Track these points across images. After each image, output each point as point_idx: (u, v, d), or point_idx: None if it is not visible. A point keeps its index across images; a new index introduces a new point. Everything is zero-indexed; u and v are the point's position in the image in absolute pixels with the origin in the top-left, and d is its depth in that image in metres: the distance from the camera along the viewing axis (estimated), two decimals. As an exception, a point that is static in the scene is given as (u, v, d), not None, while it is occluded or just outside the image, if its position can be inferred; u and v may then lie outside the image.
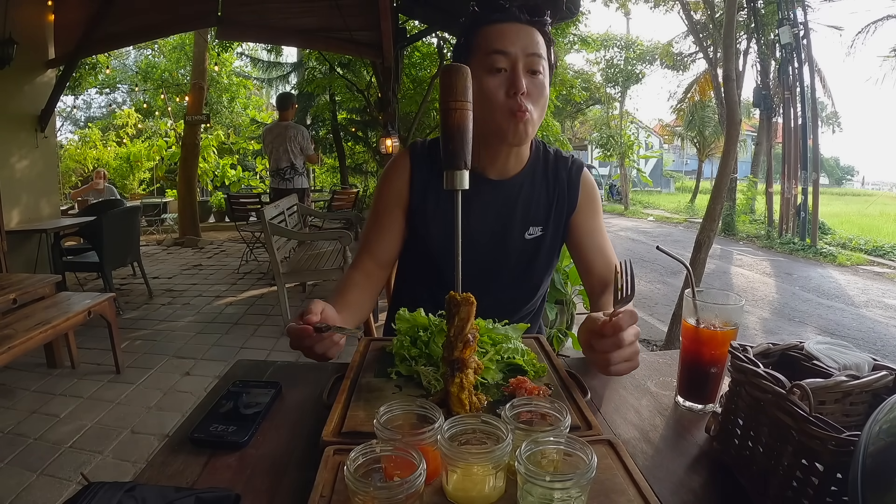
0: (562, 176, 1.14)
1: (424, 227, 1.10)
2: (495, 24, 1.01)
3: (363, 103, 7.96)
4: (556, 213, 1.13)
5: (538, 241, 1.12)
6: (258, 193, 7.90)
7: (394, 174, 1.13)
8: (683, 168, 26.57)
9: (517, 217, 1.11)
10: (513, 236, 1.10)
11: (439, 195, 1.09)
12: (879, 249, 8.23)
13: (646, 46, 15.94)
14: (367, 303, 1.09)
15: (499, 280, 1.11)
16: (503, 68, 0.99)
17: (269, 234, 3.62)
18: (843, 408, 0.57)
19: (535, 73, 1.00)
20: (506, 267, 1.11)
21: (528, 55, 0.99)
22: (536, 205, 1.12)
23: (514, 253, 1.11)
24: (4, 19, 4.21)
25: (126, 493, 0.49)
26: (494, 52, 0.98)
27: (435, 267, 1.11)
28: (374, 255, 1.12)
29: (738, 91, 5.76)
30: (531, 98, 0.99)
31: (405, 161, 1.13)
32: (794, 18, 8.84)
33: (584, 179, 1.16)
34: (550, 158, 1.16)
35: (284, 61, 11.45)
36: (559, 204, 1.13)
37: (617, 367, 0.76)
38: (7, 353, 2.14)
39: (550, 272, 1.20)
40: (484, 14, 1.02)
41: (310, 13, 4.87)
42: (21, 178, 4.71)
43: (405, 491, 0.45)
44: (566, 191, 1.14)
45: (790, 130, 9.22)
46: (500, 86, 0.99)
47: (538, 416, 0.59)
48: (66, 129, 16.38)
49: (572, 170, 1.15)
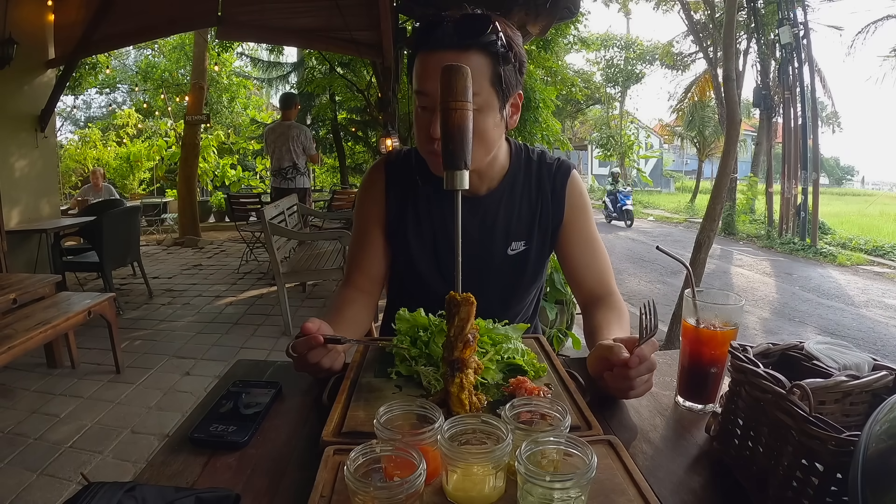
0: (545, 185, 1.06)
1: (404, 241, 1.05)
2: (423, 53, 0.90)
3: (363, 103, 7.97)
4: (540, 226, 1.06)
5: (522, 255, 1.06)
6: (258, 193, 7.91)
7: (369, 190, 1.09)
8: (683, 168, 26.56)
9: (498, 233, 1.04)
10: (495, 252, 1.05)
11: (418, 207, 1.05)
12: (879, 249, 8.23)
13: (646, 46, 15.96)
14: (365, 319, 1.05)
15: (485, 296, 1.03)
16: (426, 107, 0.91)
17: (269, 234, 3.62)
18: (843, 408, 0.57)
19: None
20: (490, 283, 1.05)
21: None
22: (518, 218, 1.05)
23: (498, 269, 1.05)
24: (4, 19, 4.21)
25: (126, 493, 0.49)
26: (416, 93, 0.91)
27: (419, 279, 1.07)
28: (363, 272, 1.08)
29: (738, 91, 5.76)
30: None
31: (380, 175, 1.08)
32: (794, 18, 8.84)
33: (571, 186, 1.07)
34: (533, 166, 1.07)
35: (284, 61, 11.45)
36: (543, 216, 1.06)
37: (636, 392, 0.74)
38: (7, 353, 2.14)
39: (539, 283, 1.15)
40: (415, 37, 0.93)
41: (310, 13, 4.86)
42: (21, 178, 4.71)
43: (405, 491, 0.45)
44: (550, 201, 1.06)
45: (790, 130, 9.22)
46: (423, 126, 0.92)
47: (538, 416, 0.59)
48: (66, 129, 16.41)
49: (557, 176, 1.07)
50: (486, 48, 0.87)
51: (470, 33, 0.87)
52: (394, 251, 1.09)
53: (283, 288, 3.70)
